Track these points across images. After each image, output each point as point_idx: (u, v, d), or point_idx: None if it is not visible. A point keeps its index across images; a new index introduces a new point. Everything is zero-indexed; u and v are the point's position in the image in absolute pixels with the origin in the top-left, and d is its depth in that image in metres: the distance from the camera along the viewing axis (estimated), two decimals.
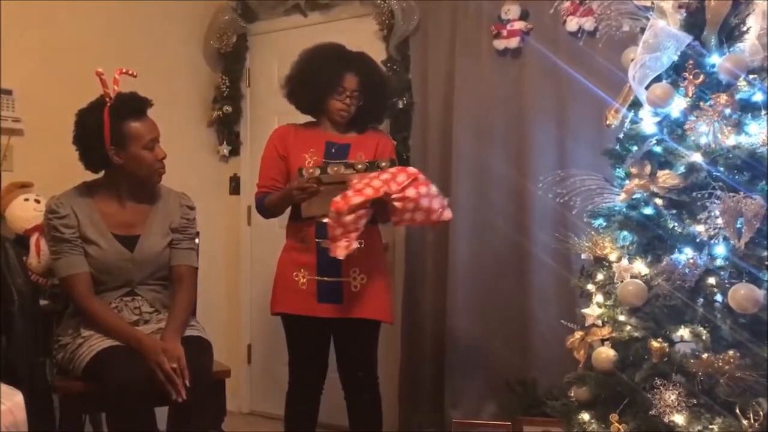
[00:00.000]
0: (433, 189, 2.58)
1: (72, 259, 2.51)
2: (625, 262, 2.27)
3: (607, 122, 2.37)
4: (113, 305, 2.54)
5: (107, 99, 2.48)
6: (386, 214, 2.64)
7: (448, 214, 2.61)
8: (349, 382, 2.85)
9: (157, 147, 2.55)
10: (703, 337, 2.07)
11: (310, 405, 2.85)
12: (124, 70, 2.51)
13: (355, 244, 2.55)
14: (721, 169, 2.12)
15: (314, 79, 2.79)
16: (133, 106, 2.51)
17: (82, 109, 2.54)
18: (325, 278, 2.73)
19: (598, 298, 2.34)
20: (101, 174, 2.62)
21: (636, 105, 2.32)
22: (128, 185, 2.58)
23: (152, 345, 2.40)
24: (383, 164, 2.63)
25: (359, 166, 2.61)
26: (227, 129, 4.00)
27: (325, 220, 2.55)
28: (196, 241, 2.81)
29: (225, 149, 4.00)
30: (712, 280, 2.11)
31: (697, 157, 2.15)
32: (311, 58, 2.84)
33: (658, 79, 2.23)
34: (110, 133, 2.45)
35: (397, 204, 2.52)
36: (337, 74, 2.76)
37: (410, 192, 2.52)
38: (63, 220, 2.51)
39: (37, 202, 2.91)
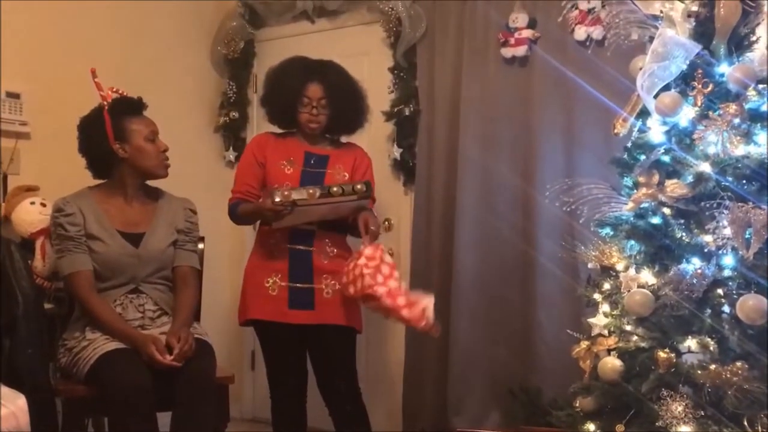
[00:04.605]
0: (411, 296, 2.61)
1: (76, 257, 2.54)
2: (632, 271, 2.26)
3: (615, 131, 2.37)
4: (118, 302, 2.57)
5: (104, 102, 2.61)
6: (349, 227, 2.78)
7: (422, 323, 2.58)
8: (329, 394, 2.79)
9: (158, 140, 2.65)
10: (711, 348, 2.06)
11: (296, 412, 2.82)
12: (114, 89, 2.65)
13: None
14: (730, 178, 2.11)
15: (279, 94, 2.80)
16: (130, 105, 2.65)
17: (83, 118, 2.66)
18: (297, 284, 2.73)
19: (605, 307, 2.33)
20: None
21: (644, 114, 2.32)
22: (134, 184, 2.65)
23: (144, 339, 2.44)
24: (358, 186, 2.64)
25: (334, 189, 2.60)
26: (234, 134, 4.00)
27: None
28: (201, 246, 2.83)
29: (231, 155, 3.99)
30: (720, 291, 2.10)
31: (705, 167, 2.15)
32: (275, 74, 2.85)
33: (666, 88, 2.23)
34: (112, 130, 2.57)
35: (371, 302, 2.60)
36: (300, 85, 2.75)
37: (387, 301, 2.56)
38: (69, 218, 2.55)
39: (43, 205, 2.91)
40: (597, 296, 2.37)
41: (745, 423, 2.00)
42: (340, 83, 2.82)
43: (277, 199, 2.54)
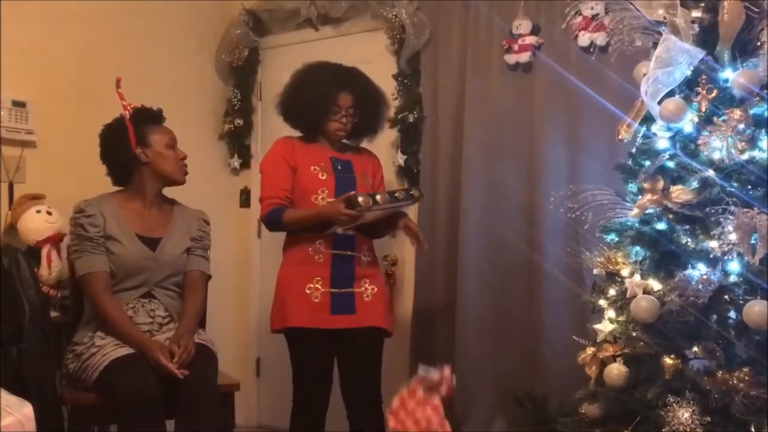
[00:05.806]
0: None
1: (93, 258, 2.56)
2: (637, 277, 2.26)
3: (620, 137, 2.37)
4: (130, 305, 2.59)
5: (126, 112, 2.66)
6: (382, 232, 2.88)
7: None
8: (353, 397, 2.77)
9: (177, 148, 2.72)
10: (717, 354, 2.06)
11: (319, 419, 2.80)
12: (132, 105, 2.70)
13: None
14: (735, 184, 2.12)
15: (309, 101, 2.80)
16: (150, 114, 2.71)
17: (105, 125, 2.71)
18: (339, 290, 2.74)
19: (610, 313, 2.33)
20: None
21: (648, 120, 2.32)
22: (153, 189, 2.69)
23: (151, 344, 2.46)
24: (413, 192, 2.80)
25: (397, 194, 2.72)
26: (238, 142, 4.01)
27: None
28: (208, 253, 2.83)
29: (236, 162, 4.01)
30: (725, 297, 2.10)
31: (710, 173, 2.15)
32: (304, 80, 2.84)
33: (670, 94, 2.23)
34: (134, 136, 2.62)
35: None
36: (332, 95, 2.77)
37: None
38: (90, 219, 2.58)
39: (49, 214, 2.92)
40: (602, 302, 2.37)
41: (752, 429, 1.99)
42: (368, 92, 2.87)
43: (361, 205, 2.58)
